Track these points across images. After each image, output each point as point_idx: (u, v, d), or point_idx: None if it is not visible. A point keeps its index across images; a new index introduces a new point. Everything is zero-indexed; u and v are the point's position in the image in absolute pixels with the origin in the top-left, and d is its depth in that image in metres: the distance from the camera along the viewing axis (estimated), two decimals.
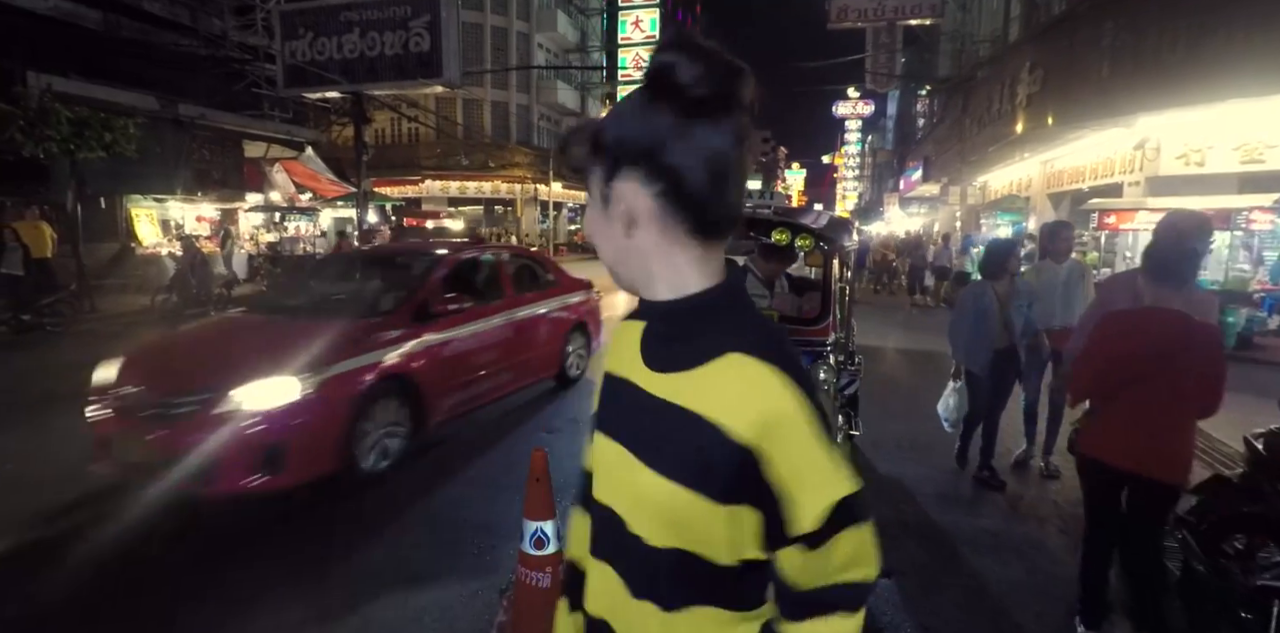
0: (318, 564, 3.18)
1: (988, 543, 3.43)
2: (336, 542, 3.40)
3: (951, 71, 20.22)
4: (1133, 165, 11.70)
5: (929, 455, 4.73)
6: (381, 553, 3.28)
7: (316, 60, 15.85)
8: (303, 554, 3.27)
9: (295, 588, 2.98)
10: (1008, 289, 4.09)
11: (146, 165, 14.19)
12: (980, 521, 3.74)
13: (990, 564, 3.21)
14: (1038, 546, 3.42)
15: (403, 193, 29.13)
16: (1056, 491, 4.17)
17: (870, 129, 59.79)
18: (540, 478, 2.46)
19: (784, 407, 0.74)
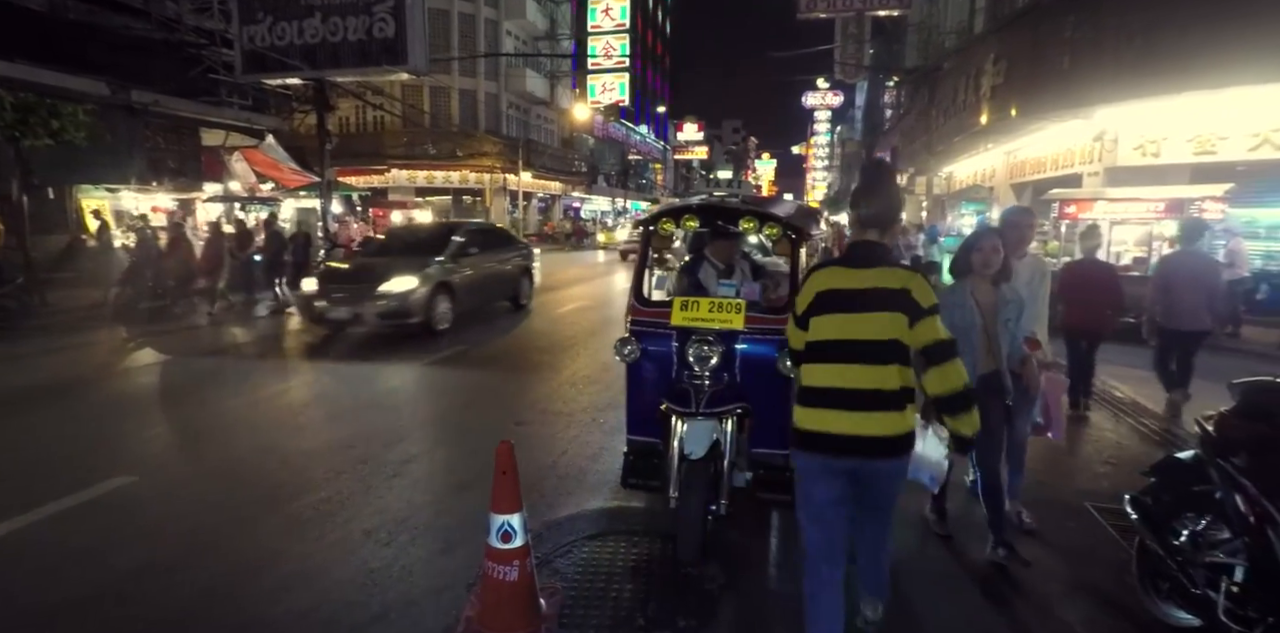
0: (272, 564, 3.11)
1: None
2: (298, 538, 3.33)
3: (918, 62, 20.43)
4: (1092, 156, 11.97)
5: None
6: (347, 551, 3.23)
7: (276, 45, 15.40)
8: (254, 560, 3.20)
9: (252, 586, 2.92)
10: (991, 296, 3.05)
11: (97, 154, 13.66)
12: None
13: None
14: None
15: (369, 183, 28.55)
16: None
17: (839, 120, 60.25)
18: (506, 471, 2.44)
19: (915, 277, 2.14)
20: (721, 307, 3.11)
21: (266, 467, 4.25)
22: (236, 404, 5.61)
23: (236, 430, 4.98)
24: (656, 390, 3.12)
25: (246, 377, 6.59)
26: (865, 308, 2.11)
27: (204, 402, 5.70)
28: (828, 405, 2.13)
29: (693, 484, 2.83)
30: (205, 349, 8.18)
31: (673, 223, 3.26)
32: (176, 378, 6.67)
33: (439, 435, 4.79)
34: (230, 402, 5.67)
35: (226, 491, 3.92)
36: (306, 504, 3.69)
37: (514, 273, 10.95)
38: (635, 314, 3.32)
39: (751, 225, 3.12)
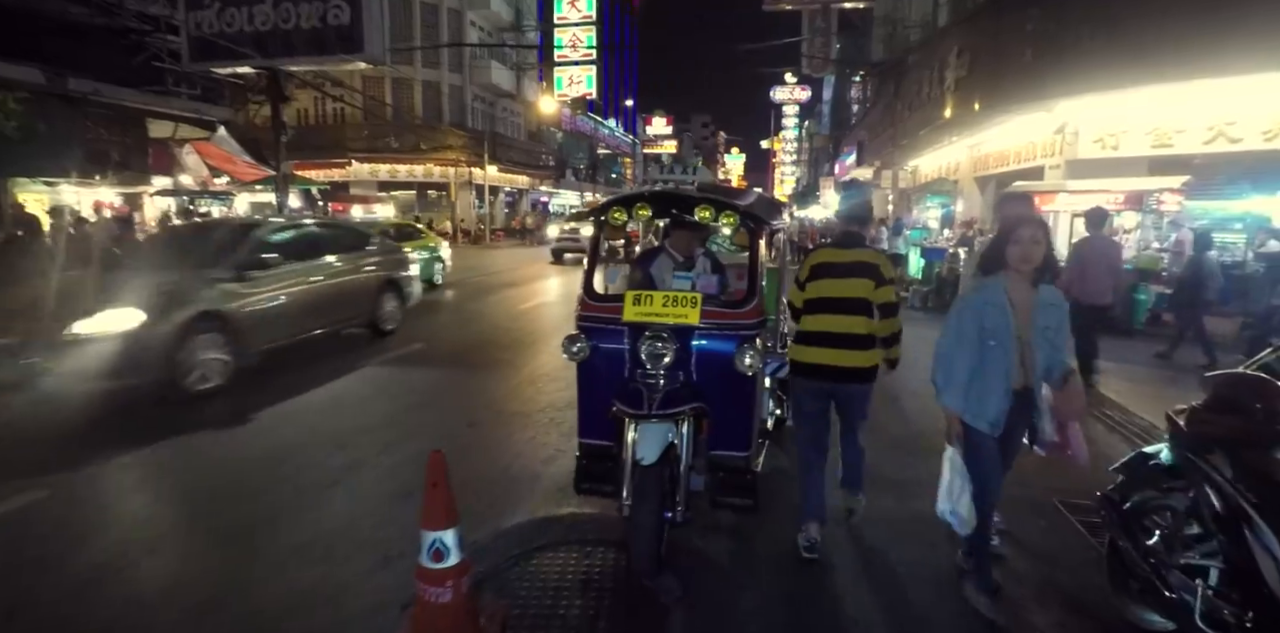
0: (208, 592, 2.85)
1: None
2: (228, 553, 3.07)
3: (884, 56, 20.49)
4: (1053, 149, 12.07)
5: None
6: (274, 569, 2.98)
7: (225, 33, 14.75)
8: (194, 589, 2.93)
9: (164, 612, 2.65)
10: (1028, 297, 2.64)
11: (32, 145, 12.97)
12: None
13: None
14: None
15: (329, 176, 27.75)
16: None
17: (807, 115, 60.58)
18: (438, 483, 2.22)
19: (881, 257, 3.14)
20: (677, 301, 2.92)
21: (194, 479, 3.96)
22: (165, 409, 5.27)
23: (163, 439, 4.65)
24: (608, 390, 2.93)
25: None
26: (848, 275, 3.06)
27: (133, 408, 5.34)
28: (821, 345, 3.07)
29: (646, 491, 2.64)
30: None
31: (624, 212, 3.06)
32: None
33: (385, 440, 4.52)
34: (157, 408, 5.32)
35: (149, 504, 3.63)
36: (235, 519, 3.42)
37: (367, 287, 7.65)
38: (585, 309, 3.11)
39: (708, 214, 2.93)
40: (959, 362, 2.65)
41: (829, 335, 3.03)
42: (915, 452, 4.50)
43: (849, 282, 3.02)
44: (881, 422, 4.73)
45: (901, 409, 5.48)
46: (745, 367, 2.83)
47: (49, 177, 14.89)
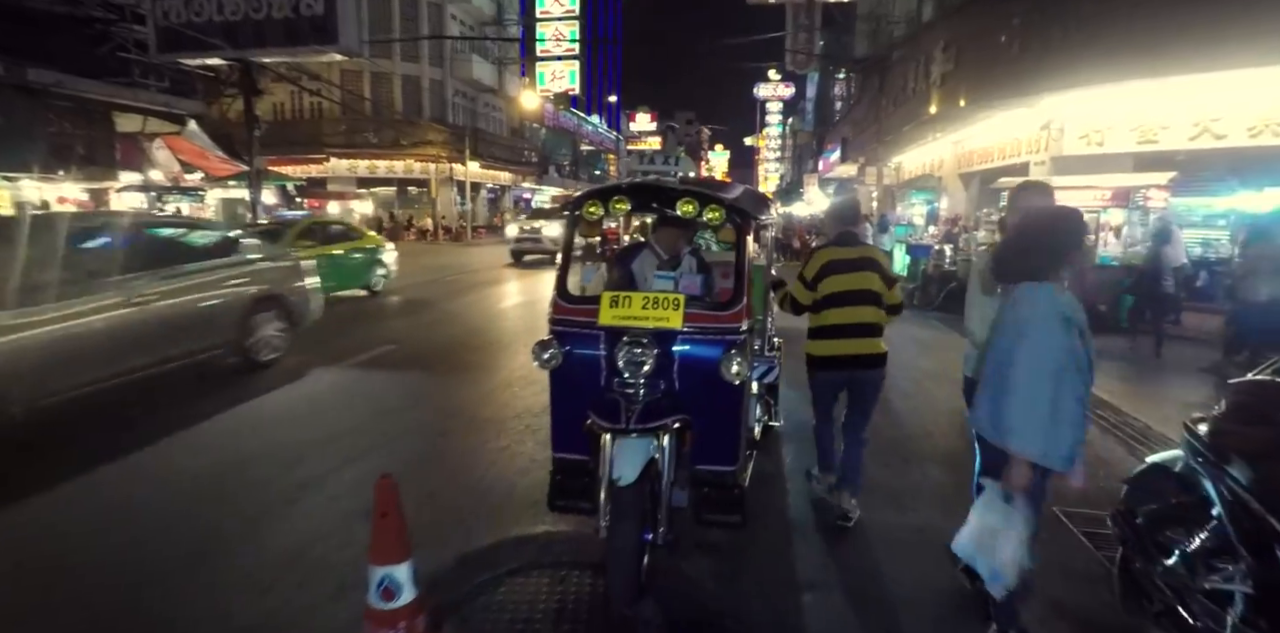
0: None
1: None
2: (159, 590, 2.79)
3: (868, 52, 20.36)
4: (1038, 145, 11.97)
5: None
6: (215, 601, 2.71)
7: (194, 22, 14.32)
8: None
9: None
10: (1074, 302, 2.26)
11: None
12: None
13: None
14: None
15: (306, 172, 27.16)
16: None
17: (790, 112, 60.60)
18: (387, 513, 1.97)
19: (880, 252, 3.56)
20: (657, 303, 2.68)
21: (138, 496, 3.66)
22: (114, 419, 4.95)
23: (107, 449, 4.34)
24: (584, 401, 2.69)
25: None
26: (861, 269, 3.25)
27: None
28: (842, 336, 3.25)
29: (624, 512, 2.41)
30: None
31: (600, 207, 2.81)
32: None
33: (349, 451, 4.24)
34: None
35: (82, 525, 3.33)
36: (176, 543, 3.13)
37: (229, 307, 5.81)
38: (558, 312, 2.86)
39: (691, 209, 2.69)
40: (1059, 395, 2.11)
41: (849, 327, 3.22)
42: (910, 457, 4.32)
43: (860, 276, 3.22)
44: (872, 424, 4.54)
45: (893, 410, 5.29)
46: (732, 375, 2.60)
47: (8, 171, 14.33)
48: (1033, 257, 2.20)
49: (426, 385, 5.95)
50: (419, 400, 5.49)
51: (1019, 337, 2.12)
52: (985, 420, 2.26)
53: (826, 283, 3.22)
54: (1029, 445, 2.13)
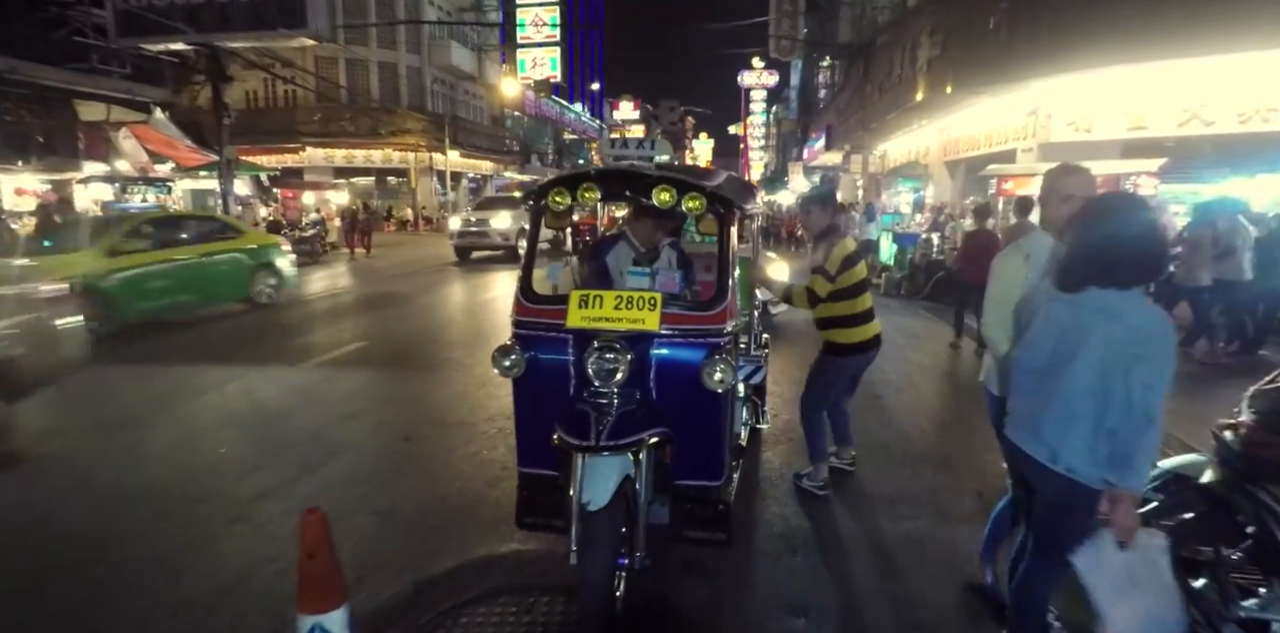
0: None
1: None
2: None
3: (852, 38, 20.07)
4: (1026, 132, 11.81)
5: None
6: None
7: (155, 5, 13.71)
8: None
9: None
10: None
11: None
12: None
13: None
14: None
15: (281, 162, 26.44)
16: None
17: (775, 100, 60.21)
18: (315, 553, 1.70)
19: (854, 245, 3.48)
20: (631, 302, 2.41)
21: (65, 514, 3.35)
22: (53, 425, 4.62)
23: (40, 461, 4.03)
24: (551, 412, 2.42)
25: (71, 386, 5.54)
26: (862, 257, 3.47)
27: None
28: (871, 320, 3.47)
29: (596, 539, 2.15)
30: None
31: (567, 195, 2.53)
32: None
33: (306, 460, 3.95)
34: (44, 421, 4.66)
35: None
36: (103, 569, 2.83)
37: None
38: (521, 313, 2.58)
39: (668, 197, 2.42)
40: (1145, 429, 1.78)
41: (872, 311, 3.47)
42: (903, 459, 4.10)
43: (863, 263, 3.46)
44: (860, 424, 4.32)
45: (883, 408, 5.08)
46: (715, 383, 2.34)
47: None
48: (1127, 260, 1.80)
49: (396, 386, 5.65)
50: (386, 402, 5.20)
51: (1135, 360, 1.74)
52: (1075, 455, 1.84)
53: (849, 274, 3.28)
54: (1141, 479, 1.82)
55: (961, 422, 4.84)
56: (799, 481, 3.62)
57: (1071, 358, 1.84)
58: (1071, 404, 1.85)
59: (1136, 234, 1.81)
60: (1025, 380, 2.00)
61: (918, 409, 5.17)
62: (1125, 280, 1.82)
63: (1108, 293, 1.82)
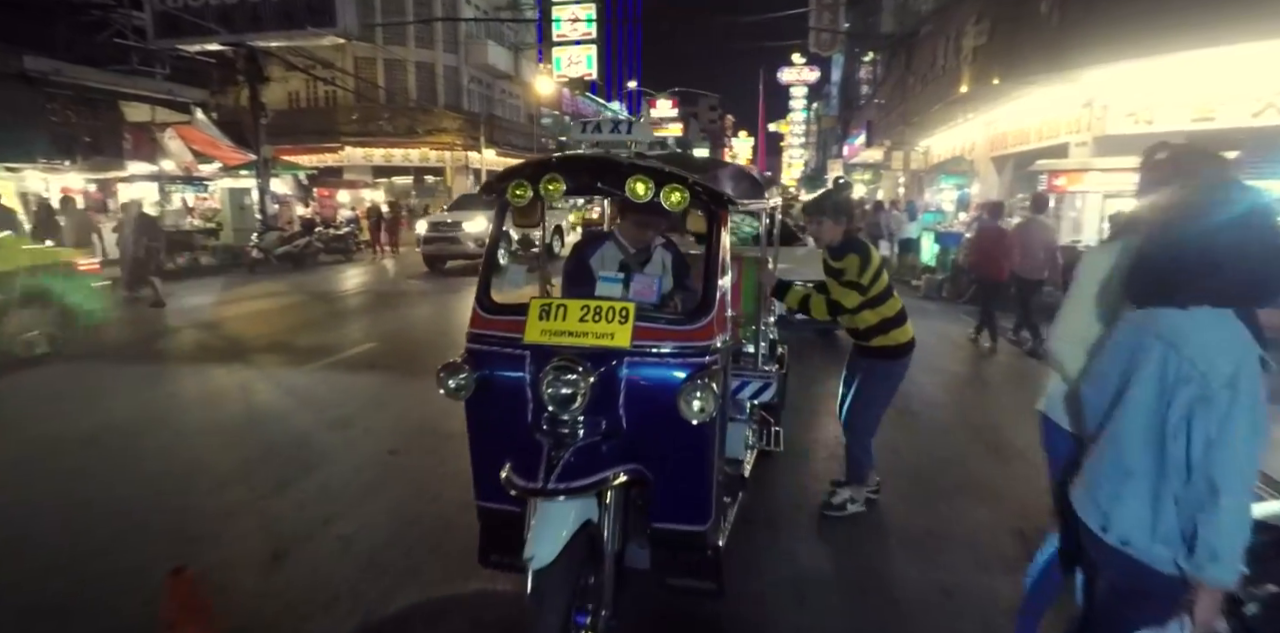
0: None
1: None
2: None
3: (895, 28, 19.32)
4: (1079, 125, 11.09)
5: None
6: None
7: (190, 7, 13.93)
8: None
9: None
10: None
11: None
12: None
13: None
14: None
15: (321, 161, 26.84)
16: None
17: (815, 97, 59.09)
18: (176, 624, 1.38)
19: (853, 264, 2.99)
20: (600, 314, 2.05)
21: (26, 525, 3.15)
22: (46, 421, 4.48)
23: (19, 463, 3.87)
24: (508, 440, 2.09)
25: (70, 391, 5.44)
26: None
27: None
28: (908, 320, 3.20)
29: (544, 599, 1.81)
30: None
31: (528, 188, 2.19)
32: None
33: (284, 473, 3.71)
34: (29, 429, 4.52)
35: None
36: (27, 604, 2.58)
37: None
38: (476, 325, 2.25)
39: (643, 189, 2.04)
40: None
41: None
42: (938, 490, 3.63)
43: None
44: (887, 442, 3.89)
45: (918, 428, 4.61)
46: (693, 412, 1.96)
47: (10, 162, 14.10)
48: (1226, 270, 1.32)
49: (396, 390, 5.40)
50: (381, 408, 4.94)
51: (1198, 404, 1.29)
52: (1132, 524, 1.40)
53: (880, 281, 3.06)
54: (1224, 570, 1.29)
55: (1006, 444, 4.33)
56: (828, 510, 3.24)
57: (1128, 396, 1.41)
58: (1125, 457, 1.41)
59: (1247, 238, 1.31)
60: (1092, 424, 1.56)
61: (957, 431, 4.68)
62: (1200, 296, 1.34)
63: (1169, 312, 1.38)
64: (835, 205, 3.09)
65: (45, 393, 5.39)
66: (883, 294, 3.07)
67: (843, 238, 3.05)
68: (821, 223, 3.06)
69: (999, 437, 4.51)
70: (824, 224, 3.05)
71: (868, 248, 3.02)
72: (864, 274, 2.96)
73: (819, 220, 3.07)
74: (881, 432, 3.35)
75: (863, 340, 3.16)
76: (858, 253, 2.97)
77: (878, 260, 3.03)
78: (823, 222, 3.05)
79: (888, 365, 3.17)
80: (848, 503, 3.23)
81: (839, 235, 3.05)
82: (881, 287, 3.07)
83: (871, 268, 2.98)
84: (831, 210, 3.05)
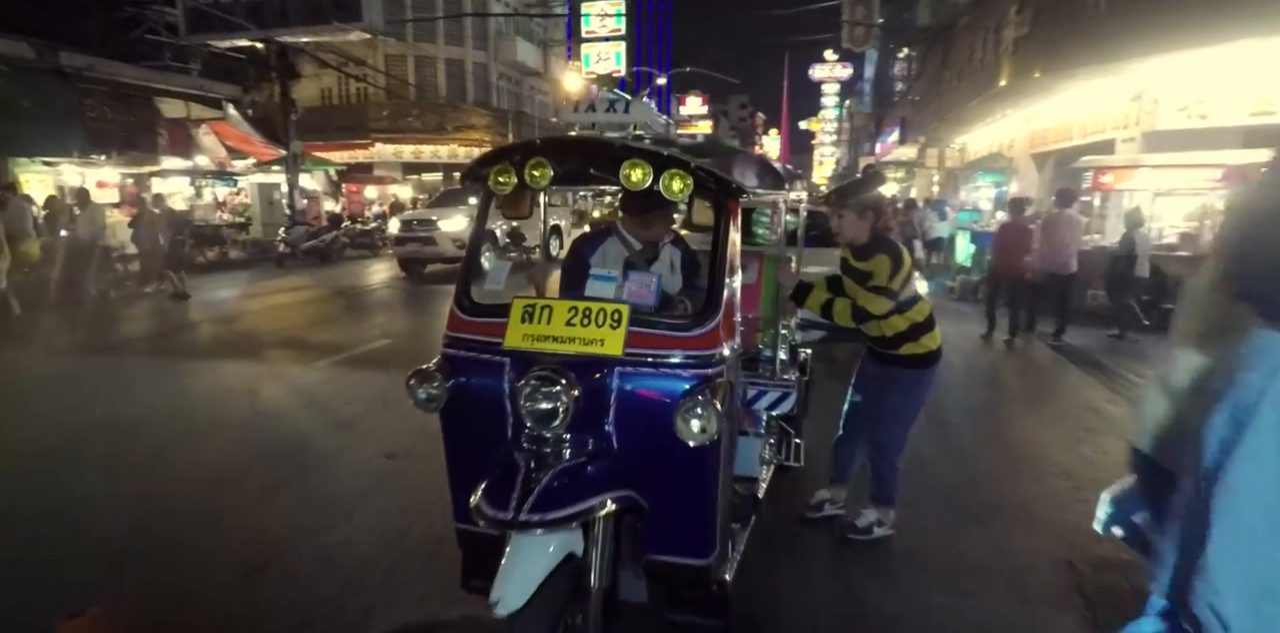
0: None
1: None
2: None
3: (931, 21, 18.74)
4: (1127, 120, 10.56)
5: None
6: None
7: (220, 2, 14.03)
8: None
9: None
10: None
11: (21, 122, 12.36)
12: None
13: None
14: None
15: (352, 157, 27.04)
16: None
17: (848, 94, 58.11)
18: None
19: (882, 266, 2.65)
20: (590, 316, 1.81)
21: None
22: (22, 427, 4.40)
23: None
24: (488, 457, 1.87)
25: (82, 383, 5.38)
26: None
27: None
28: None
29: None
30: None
31: (511, 174, 1.96)
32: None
33: (276, 476, 3.57)
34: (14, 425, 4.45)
35: None
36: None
37: None
38: (454, 327, 2.04)
39: (639, 175, 1.80)
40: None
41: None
42: (975, 514, 3.30)
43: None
44: (922, 454, 3.59)
45: (952, 439, 4.29)
46: (692, 434, 1.72)
47: (46, 155, 14.35)
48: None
49: (400, 391, 5.11)
50: (386, 408, 4.78)
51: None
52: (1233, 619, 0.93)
53: (908, 287, 2.79)
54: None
55: (1045, 460, 4.00)
56: (852, 533, 2.96)
57: (1235, 442, 0.97)
58: (1231, 529, 0.95)
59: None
60: (1187, 479, 1.06)
61: (990, 441, 4.36)
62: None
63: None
64: (861, 204, 2.72)
65: (47, 385, 5.34)
66: (912, 298, 2.81)
67: (870, 236, 2.74)
68: (844, 216, 2.72)
69: (1039, 452, 4.17)
70: (847, 218, 2.71)
71: (899, 249, 2.72)
72: (895, 279, 2.65)
73: (840, 214, 2.73)
74: (910, 445, 3.06)
75: (889, 348, 2.86)
76: (888, 254, 2.66)
77: (909, 263, 2.73)
78: (845, 215, 2.71)
79: (917, 374, 2.88)
80: (874, 526, 2.94)
81: (865, 233, 2.73)
82: (911, 291, 2.80)
83: (903, 272, 2.68)
84: (855, 208, 2.70)
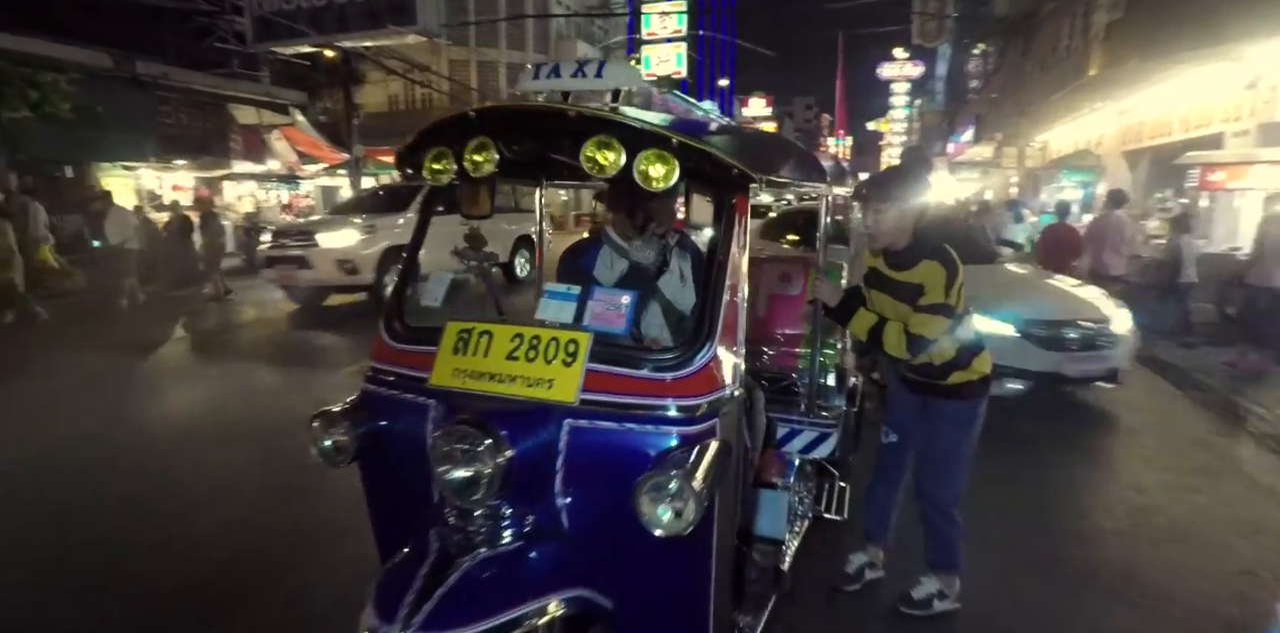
0: None
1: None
2: None
3: (1009, 10, 17.55)
4: (1239, 111, 9.41)
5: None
6: None
7: (284, 10, 14.37)
8: None
9: None
10: None
11: (102, 129, 12.87)
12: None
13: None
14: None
15: None
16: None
17: (918, 92, 56.00)
18: None
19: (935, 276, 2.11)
20: (536, 347, 1.36)
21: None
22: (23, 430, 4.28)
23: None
24: (415, 514, 1.45)
25: (106, 390, 5.29)
26: None
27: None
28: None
29: None
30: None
31: (449, 158, 1.53)
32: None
33: (262, 499, 3.30)
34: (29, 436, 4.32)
35: None
36: None
37: None
38: (379, 357, 1.62)
39: (609, 158, 1.32)
40: None
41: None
42: (1060, 573, 2.70)
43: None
44: (982, 500, 2.99)
45: (1040, 491, 3.64)
46: (659, 522, 1.22)
47: (124, 160, 15.01)
48: None
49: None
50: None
51: None
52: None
53: (961, 300, 2.24)
54: None
55: (1154, 511, 3.31)
56: (907, 607, 2.39)
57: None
58: None
59: None
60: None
61: (1102, 491, 3.66)
62: None
63: None
64: (907, 187, 2.15)
65: (58, 388, 5.28)
66: (961, 313, 2.25)
67: (911, 239, 2.16)
68: (883, 212, 2.12)
69: (1141, 501, 3.47)
70: (887, 215, 2.12)
71: (949, 253, 2.14)
72: (952, 291, 2.10)
73: (877, 207, 2.13)
74: (969, 487, 2.45)
75: (934, 378, 2.29)
76: (939, 260, 2.11)
77: (962, 271, 2.15)
78: (884, 210, 2.12)
79: (969, 407, 2.31)
80: (934, 599, 2.36)
81: (905, 234, 2.16)
82: (963, 305, 2.24)
83: (958, 281, 2.12)
84: (893, 201, 2.11)
